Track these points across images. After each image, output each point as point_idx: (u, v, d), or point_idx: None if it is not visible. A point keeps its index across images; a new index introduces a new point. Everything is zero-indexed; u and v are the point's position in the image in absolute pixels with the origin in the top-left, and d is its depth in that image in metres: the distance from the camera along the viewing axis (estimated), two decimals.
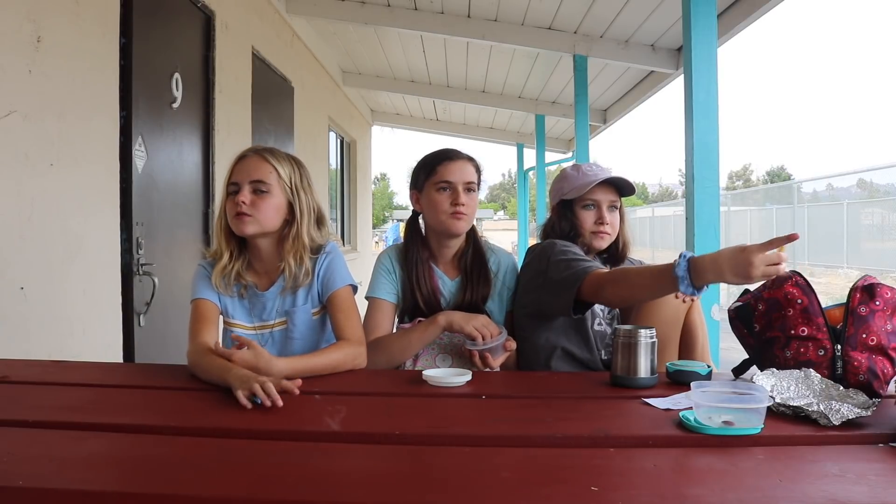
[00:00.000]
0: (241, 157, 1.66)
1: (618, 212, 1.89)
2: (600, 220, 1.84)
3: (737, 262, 1.27)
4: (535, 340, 1.78)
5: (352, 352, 1.57)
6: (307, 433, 1.11)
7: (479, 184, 1.82)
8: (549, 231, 1.92)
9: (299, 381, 1.30)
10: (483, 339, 1.62)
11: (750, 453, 1.00)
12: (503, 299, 1.84)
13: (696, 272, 1.32)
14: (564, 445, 1.05)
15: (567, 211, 1.89)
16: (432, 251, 1.84)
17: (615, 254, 1.95)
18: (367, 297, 1.81)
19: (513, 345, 1.67)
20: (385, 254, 1.86)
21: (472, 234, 1.85)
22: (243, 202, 1.59)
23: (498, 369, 1.66)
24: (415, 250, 1.81)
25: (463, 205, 1.74)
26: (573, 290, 1.58)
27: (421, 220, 1.86)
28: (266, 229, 1.64)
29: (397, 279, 1.81)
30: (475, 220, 1.85)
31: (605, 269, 1.64)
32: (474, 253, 1.83)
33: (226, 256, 1.66)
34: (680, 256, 1.35)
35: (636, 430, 1.12)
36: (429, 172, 1.79)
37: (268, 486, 0.86)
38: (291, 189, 1.66)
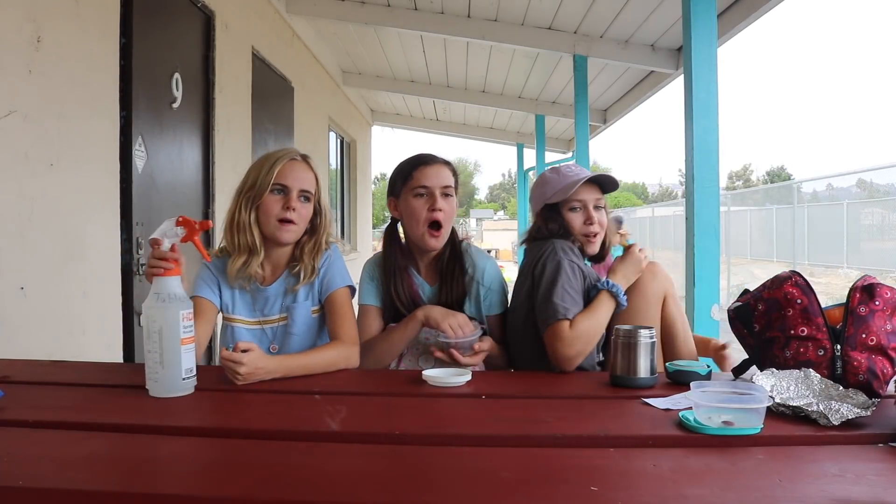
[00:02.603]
0: (291, 160, 1.65)
1: (603, 210, 1.88)
2: (589, 221, 1.83)
3: (631, 263, 1.76)
4: (529, 343, 1.77)
5: (345, 352, 1.59)
6: (307, 433, 1.11)
7: (456, 188, 1.82)
8: (534, 236, 1.87)
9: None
10: (455, 336, 1.63)
11: (750, 453, 1.00)
12: (479, 303, 1.83)
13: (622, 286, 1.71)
14: (564, 445, 1.05)
15: (553, 214, 1.85)
16: (413, 257, 1.84)
17: (601, 253, 1.91)
18: (358, 304, 1.85)
19: (484, 345, 1.67)
20: (368, 262, 1.89)
21: (452, 237, 1.83)
22: (293, 209, 1.61)
23: (473, 368, 1.67)
24: (393, 259, 1.82)
25: (440, 210, 1.74)
26: (543, 330, 1.64)
27: (399, 228, 1.87)
28: (300, 237, 1.68)
29: (379, 284, 1.84)
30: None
31: (569, 322, 1.63)
32: (451, 256, 1.82)
33: (260, 253, 1.64)
34: (607, 283, 1.69)
35: (636, 430, 1.12)
36: (406, 178, 1.79)
37: (268, 486, 0.86)
38: (319, 197, 1.70)
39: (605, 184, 1.87)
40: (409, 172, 1.78)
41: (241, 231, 1.64)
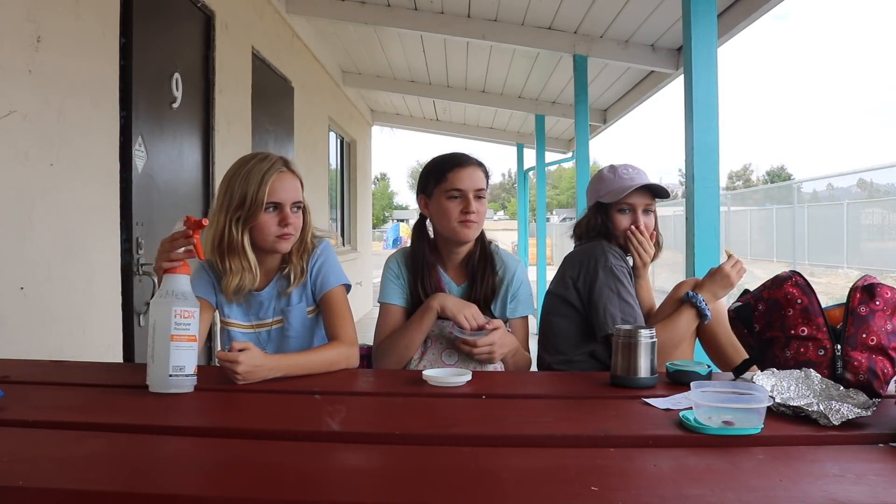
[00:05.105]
0: (279, 173, 1.60)
1: (652, 215, 1.95)
2: (635, 224, 1.91)
3: (720, 279, 1.81)
4: (567, 331, 1.84)
5: (346, 351, 1.58)
6: (307, 433, 1.11)
7: (486, 187, 1.82)
8: (583, 230, 1.98)
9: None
10: (470, 327, 1.65)
11: (750, 453, 1.00)
12: (505, 305, 1.83)
13: (707, 302, 1.79)
14: (564, 445, 1.05)
15: (601, 213, 1.94)
16: (441, 256, 1.84)
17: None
18: (378, 302, 1.83)
19: (496, 322, 1.67)
20: (393, 258, 1.86)
21: (481, 238, 1.84)
22: (290, 224, 1.59)
23: (487, 367, 1.69)
24: (421, 255, 1.81)
25: (474, 212, 1.73)
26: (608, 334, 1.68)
27: (428, 224, 1.86)
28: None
29: (405, 283, 1.81)
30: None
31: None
32: (481, 256, 1.82)
33: (255, 273, 1.62)
34: (689, 295, 1.79)
35: (636, 430, 1.12)
36: (438, 179, 1.76)
37: (268, 486, 0.86)
38: (303, 198, 1.68)
39: (657, 190, 1.93)
40: (443, 173, 1.76)
41: (235, 253, 1.60)
